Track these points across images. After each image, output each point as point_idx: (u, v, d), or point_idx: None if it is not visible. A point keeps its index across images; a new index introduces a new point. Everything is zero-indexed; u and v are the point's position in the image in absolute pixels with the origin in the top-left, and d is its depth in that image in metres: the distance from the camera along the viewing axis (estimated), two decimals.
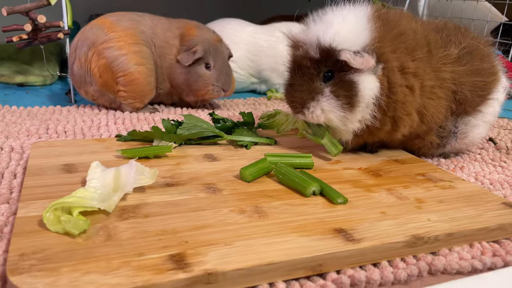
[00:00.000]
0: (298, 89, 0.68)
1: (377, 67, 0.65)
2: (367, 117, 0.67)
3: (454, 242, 0.51)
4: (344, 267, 0.45)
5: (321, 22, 0.68)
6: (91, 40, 0.94)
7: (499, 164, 0.79)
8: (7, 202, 0.56)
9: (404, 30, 0.68)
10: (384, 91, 0.65)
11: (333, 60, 0.65)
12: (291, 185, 0.59)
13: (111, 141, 0.73)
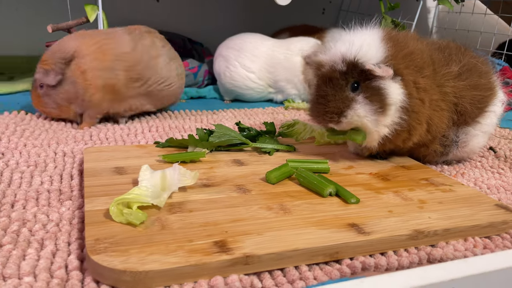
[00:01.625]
0: (332, 99, 0.74)
1: (396, 78, 0.74)
2: (396, 120, 0.74)
3: (451, 236, 0.59)
4: (357, 254, 0.55)
5: (342, 42, 0.76)
6: None
7: (497, 171, 0.87)
8: (70, 199, 0.66)
9: (413, 50, 0.77)
10: (407, 97, 0.74)
11: (358, 71, 0.73)
12: (310, 187, 0.68)
13: (151, 147, 0.83)
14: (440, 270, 0.43)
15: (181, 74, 1.15)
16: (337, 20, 1.93)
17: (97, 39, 0.99)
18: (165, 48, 1.11)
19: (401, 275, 0.42)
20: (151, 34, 1.10)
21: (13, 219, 0.58)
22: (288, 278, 0.50)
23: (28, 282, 0.46)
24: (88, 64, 0.96)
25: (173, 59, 1.12)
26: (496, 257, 0.45)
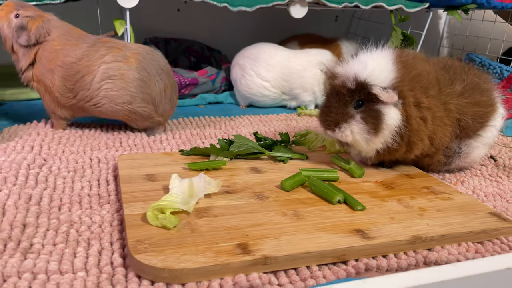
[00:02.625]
0: (334, 111, 0.84)
1: (398, 102, 0.81)
2: (388, 141, 0.83)
3: (446, 241, 0.67)
4: (361, 257, 0.62)
5: (358, 61, 0.84)
6: None
7: (495, 179, 0.94)
8: (108, 203, 0.75)
9: (420, 72, 0.84)
10: (403, 121, 0.81)
11: (365, 92, 0.81)
12: (321, 195, 0.76)
13: (177, 155, 0.92)
14: (433, 273, 0.50)
15: (118, 96, 1.02)
16: (349, 28, 2.00)
17: (62, 42, 1.03)
18: (117, 68, 1.01)
19: (398, 276, 0.50)
20: (117, 51, 1.02)
21: (62, 221, 0.67)
22: (300, 276, 0.58)
23: (82, 276, 0.55)
24: (43, 58, 1.02)
25: (119, 80, 1.00)
26: (481, 262, 0.52)
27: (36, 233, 0.64)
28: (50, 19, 1.04)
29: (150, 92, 1.03)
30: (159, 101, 1.05)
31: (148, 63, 1.03)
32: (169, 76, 1.09)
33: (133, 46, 1.06)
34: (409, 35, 1.49)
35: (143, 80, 1.01)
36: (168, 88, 1.07)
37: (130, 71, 1.01)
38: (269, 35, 1.84)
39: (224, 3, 1.31)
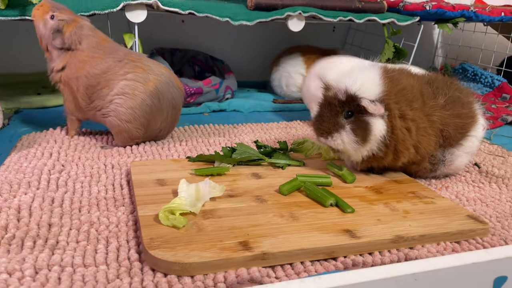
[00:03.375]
0: (326, 120, 0.92)
1: (384, 113, 0.89)
2: (374, 149, 0.91)
3: (426, 241, 0.75)
4: (349, 254, 0.70)
5: (349, 75, 0.92)
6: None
7: (478, 185, 1.01)
8: (123, 205, 0.83)
9: (405, 86, 0.92)
10: (388, 132, 0.90)
11: (355, 104, 0.89)
12: (315, 198, 0.84)
13: (184, 162, 1.00)
14: (405, 266, 0.58)
15: (130, 114, 1.07)
16: (346, 39, 2.08)
17: (90, 54, 1.09)
18: (134, 89, 1.07)
19: (377, 269, 0.58)
20: (141, 72, 1.08)
21: (83, 221, 0.75)
22: (295, 270, 0.66)
23: (103, 269, 0.63)
24: (72, 65, 1.08)
25: (131, 99, 1.06)
26: (451, 258, 0.60)
27: (60, 231, 0.72)
28: (82, 26, 1.10)
29: (150, 120, 1.09)
30: (152, 128, 1.12)
31: (164, 93, 1.10)
32: (176, 111, 1.15)
33: (157, 72, 1.10)
34: (400, 48, 1.57)
35: (150, 107, 1.08)
36: (165, 122, 1.13)
37: (143, 94, 1.07)
38: (269, 46, 1.93)
39: (226, 18, 1.39)
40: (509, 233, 0.80)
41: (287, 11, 1.44)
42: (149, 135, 1.14)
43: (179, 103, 1.16)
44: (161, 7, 1.30)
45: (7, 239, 0.68)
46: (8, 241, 0.68)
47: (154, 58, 1.57)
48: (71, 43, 1.08)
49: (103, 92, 1.08)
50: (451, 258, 0.60)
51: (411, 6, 1.63)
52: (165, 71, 1.13)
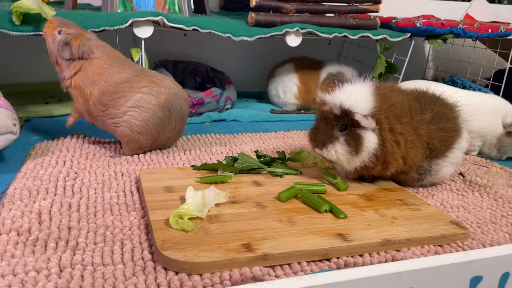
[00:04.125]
0: (322, 133, 0.99)
1: (375, 127, 0.97)
2: (366, 160, 0.99)
3: (411, 244, 0.82)
4: (341, 255, 0.78)
5: (343, 91, 1.00)
6: None
7: (461, 193, 1.09)
8: (134, 210, 0.90)
9: (395, 102, 1.00)
10: (379, 145, 0.97)
11: (348, 118, 0.97)
12: (311, 205, 0.91)
13: (189, 170, 1.07)
14: (391, 266, 0.65)
15: (140, 126, 1.14)
16: (341, 51, 2.17)
17: (108, 62, 1.15)
18: (146, 103, 1.13)
19: (366, 268, 0.65)
20: (155, 86, 1.15)
21: (99, 225, 0.82)
22: (293, 270, 0.73)
23: (120, 268, 0.70)
24: (88, 70, 1.15)
25: (145, 112, 1.13)
26: (431, 259, 0.68)
27: (79, 234, 0.79)
28: (90, 38, 1.17)
29: (160, 130, 1.16)
30: (161, 138, 1.19)
31: (174, 105, 1.17)
32: (183, 121, 1.22)
33: (167, 84, 1.18)
34: (392, 63, 1.65)
35: (161, 119, 1.15)
36: (173, 132, 1.20)
37: (156, 107, 1.14)
38: (267, 59, 2.01)
39: (228, 34, 1.47)
40: (487, 238, 0.88)
41: (285, 28, 1.52)
42: (157, 144, 1.21)
43: (186, 114, 1.23)
44: (167, 23, 1.38)
45: (32, 241, 0.75)
46: (33, 243, 0.75)
47: (158, 70, 1.65)
48: (82, 53, 1.15)
49: (119, 102, 1.14)
50: (432, 259, 0.68)
51: (403, 23, 1.71)
52: (173, 84, 1.21)
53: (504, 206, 1.03)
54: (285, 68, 1.84)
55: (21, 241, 0.75)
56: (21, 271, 0.67)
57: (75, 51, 1.15)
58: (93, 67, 1.16)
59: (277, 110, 1.80)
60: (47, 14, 1.28)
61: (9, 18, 1.29)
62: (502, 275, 0.71)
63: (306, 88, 1.79)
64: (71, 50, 1.15)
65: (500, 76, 2.00)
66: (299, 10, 1.56)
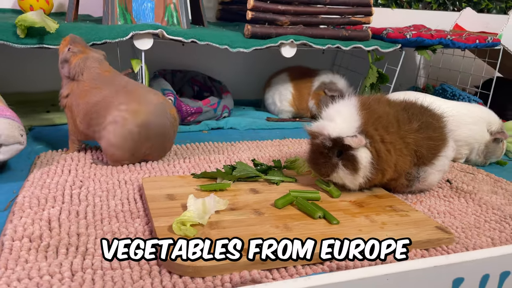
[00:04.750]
0: (323, 166, 1.05)
1: (367, 141, 1.02)
2: (368, 174, 1.04)
3: None
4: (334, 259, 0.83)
5: (328, 118, 1.05)
6: None
7: (448, 199, 1.15)
8: (138, 217, 0.95)
9: (381, 114, 1.06)
10: (374, 156, 1.03)
11: (340, 144, 1.02)
12: (305, 212, 0.97)
13: (189, 178, 1.12)
14: (379, 268, 0.71)
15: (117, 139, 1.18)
16: (335, 60, 2.23)
17: (91, 85, 1.21)
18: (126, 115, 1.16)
19: (357, 270, 0.70)
20: (134, 105, 1.18)
21: (105, 231, 0.87)
22: (289, 273, 0.79)
23: (128, 272, 0.75)
24: (75, 93, 1.22)
25: (121, 127, 1.16)
26: (417, 262, 0.73)
27: (88, 240, 0.83)
28: (87, 58, 1.22)
29: (135, 146, 1.18)
30: (138, 153, 1.21)
31: (152, 124, 1.19)
32: (164, 138, 1.23)
33: (149, 100, 1.20)
34: (383, 73, 1.72)
35: (137, 135, 1.17)
36: (149, 149, 1.22)
37: (131, 125, 1.16)
38: (263, 68, 2.07)
39: (225, 45, 1.53)
40: (471, 242, 0.94)
41: (280, 40, 1.58)
42: (135, 158, 1.23)
43: (169, 131, 1.24)
44: (166, 36, 1.43)
45: (44, 247, 0.80)
46: (45, 249, 0.79)
47: (157, 79, 1.70)
48: (75, 74, 1.22)
49: (100, 119, 1.19)
50: (416, 262, 0.73)
51: (393, 34, 1.78)
52: (159, 100, 1.22)
53: (488, 212, 1.09)
54: (280, 77, 1.90)
55: (34, 247, 0.80)
56: (36, 275, 0.72)
57: (72, 69, 1.22)
58: (78, 90, 1.22)
59: (273, 118, 1.86)
60: (51, 27, 1.33)
61: (14, 31, 1.34)
62: (483, 277, 0.77)
63: (300, 96, 1.86)
64: (69, 68, 1.22)
65: (489, 85, 2.07)
66: (294, 22, 1.62)
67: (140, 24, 1.44)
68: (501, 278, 0.78)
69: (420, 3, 2.41)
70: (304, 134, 1.65)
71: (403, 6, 2.38)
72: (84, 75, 1.22)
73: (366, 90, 1.73)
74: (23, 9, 1.66)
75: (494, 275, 0.77)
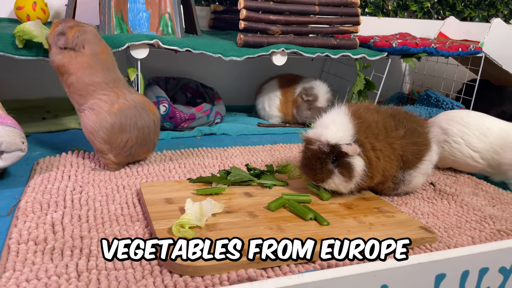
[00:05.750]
0: (319, 172, 1.08)
1: (359, 150, 1.08)
2: (359, 181, 1.09)
3: None
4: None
5: (324, 126, 1.10)
6: None
7: (432, 201, 1.21)
8: (138, 221, 0.99)
9: (371, 123, 1.11)
10: (366, 164, 1.08)
11: (337, 151, 1.07)
12: (297, 214, 1.02)
13: (185, 183, 1.17)
14: (367, 265, 0.76)
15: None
16: (323, 67, 2.29)
17: (90, 62, 1.24)
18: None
19: (346, 267, 0.76)
20: (114, 96, 1.24)
21: (107, 234, 0.91)
22: (283, 271, 0.84)
23: (131, 272, 0.79)
24: (72, 62, 1.24)
25: (95, 115, 1.22)
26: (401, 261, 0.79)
27: (91, 243, 0.88)
28: (85, 30, 1.25)
29: (110, 136, 1.22)
30: (117, 145, 1.24)
31: (128, 115, 1.23)
32: (144, 132, 1.26)
33: (129, 98, 1.25)
34: (370, 80, 1.78)
35: (111, 125, 1.21)
36: (131, 141, 1.25)
37: (106, 114, 1.21)
38: (255, 76, 2.13)
39: (218, 54, 1.58)
40: (453, 241, 1.00)
41: (272, 48, 1.63)
42: (116, 151, 1.24)
43: (148, 125, 1.27)
44: (162, 45, 1.48)
45: (49, 250, 0.84)
46: (50, 251, 0.83)
47: (151, 87, 1.74)
48: (75, 45, 1.24)
49: (81, 100, 1.24)
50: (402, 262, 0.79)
51: (380, 43, 1.85)
52: (139, 99, 1.28)
53: (469, 213, 1.15)
54: (270, 84, 1.96)
55: (39, 250, 0.84)
56: (43, 276, 0.76)
57: (71, 40, 1.23)
58: (75, 61, 1.24)
59: (264, 123, 1.91)
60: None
61: (12, 41, 1.37)
62: (463, 273, 0.83)
63: (286, 102, 1.92)
64: (66, 40, 1.24)
65: (470, 88, 2.15)
66: (284, 31, 1.68)
67: (136, 34, 1.49)
68: (480, 274, 0.84)
69: (406, 11, 2.49)
70: (295, 140, 1.71)
71: (389, 14, 2.45)
72: (86, 48, 1.24)
73: (354, 97, 1.80)
74: (20, 18, 1.69)
75: (474, 271, 0.83)
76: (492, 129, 1.32)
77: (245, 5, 1.60)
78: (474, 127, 1.33)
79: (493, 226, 1.08)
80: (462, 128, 1.34)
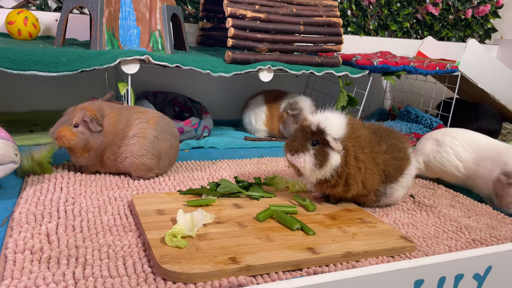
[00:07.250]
0: (297, 142, 1.14)
1: (341, 151, 1.14)
2: (327, 175, 1.14)
3: (368, 255, 0.98)
4: (311, 266, 0.93)
5: (323, 114, 1.16)
6: None
7: (411, 212, 1.27)
8: (130, 231, 1.02)
9: (360, 135, 1.17)
10: (342, 165, 1.14)
11: (321, 136, 1.13)
12: (284, 224, 1.07)
13: (176, 194, 1.20)
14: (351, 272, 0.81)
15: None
16: (308, 84, 2.37)
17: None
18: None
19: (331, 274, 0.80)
20: (142, 115, 1.34)
21: (101, 244, 0.94)
22: (271, 278, 0.88)
23: (126, 280, 0.83)
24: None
25: (141, 137, 1.31)
26: (382, 266, 0.84)
27: (86, 252, 0.90)
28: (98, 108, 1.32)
29: (159, 148, 1.32)
30: (163, 157, 1.35)
31: (162, 125, 1.35)
32: (176, 138, 1.39)
33: (152, 112, 1.37)
34: (353, 97, 1.86)
35: (156, 138, 1.32)
36: (172, 149, 1.37)
37: (149, 130, 1.31)
38: (242, 91, 2.19)
39: (207, 70, 1.63)
40: (431, 250, 1.06)
41: (259, 65, 1.69)
42: (163, 164, 1.36)
43: (175, 131, 1.40)
44: (152, 61, 1.53)
45: (45, 259, 0.86)
46: (47, 260, 0.86)
47: (140, 101, 1.78)
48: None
49: (124, 141, 1.32)
50: (383, 266, 0.84)
51: (362, 61, 1.93)
52: (156, 111, 1.40)
53: (446, 223, 1.21)
54: (256, 99, 2.02)
55: (36, 259, 0.86)
56: (42, 283, 0.78)
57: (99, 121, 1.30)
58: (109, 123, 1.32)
59: (250, 137, 1.96)
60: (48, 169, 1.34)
61: (6, 56, 1.40)
62: (440, 279, 0.88)
63: (272, 117, 1.98)
64: (98, 122, 1.29)
65: (447, 105, 2.24)
66: (271, 49, 1.75)
67: (127, 50, 1.53)
68: (456, 280, 0.90)
69: (386, 31, 2.59)
70: (281, 153, 1.77)
71: (370, 33, 2.55)
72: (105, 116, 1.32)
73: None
74: (10, 33, 1.71)
75: (450, 277, 0.88)
76: (474, 142, 1.43)
77: (233, 24, 1.66)
78: (461, 138, 1.45)
79: (468, 236, 1.14)
80: (452, 139, 1.45)
